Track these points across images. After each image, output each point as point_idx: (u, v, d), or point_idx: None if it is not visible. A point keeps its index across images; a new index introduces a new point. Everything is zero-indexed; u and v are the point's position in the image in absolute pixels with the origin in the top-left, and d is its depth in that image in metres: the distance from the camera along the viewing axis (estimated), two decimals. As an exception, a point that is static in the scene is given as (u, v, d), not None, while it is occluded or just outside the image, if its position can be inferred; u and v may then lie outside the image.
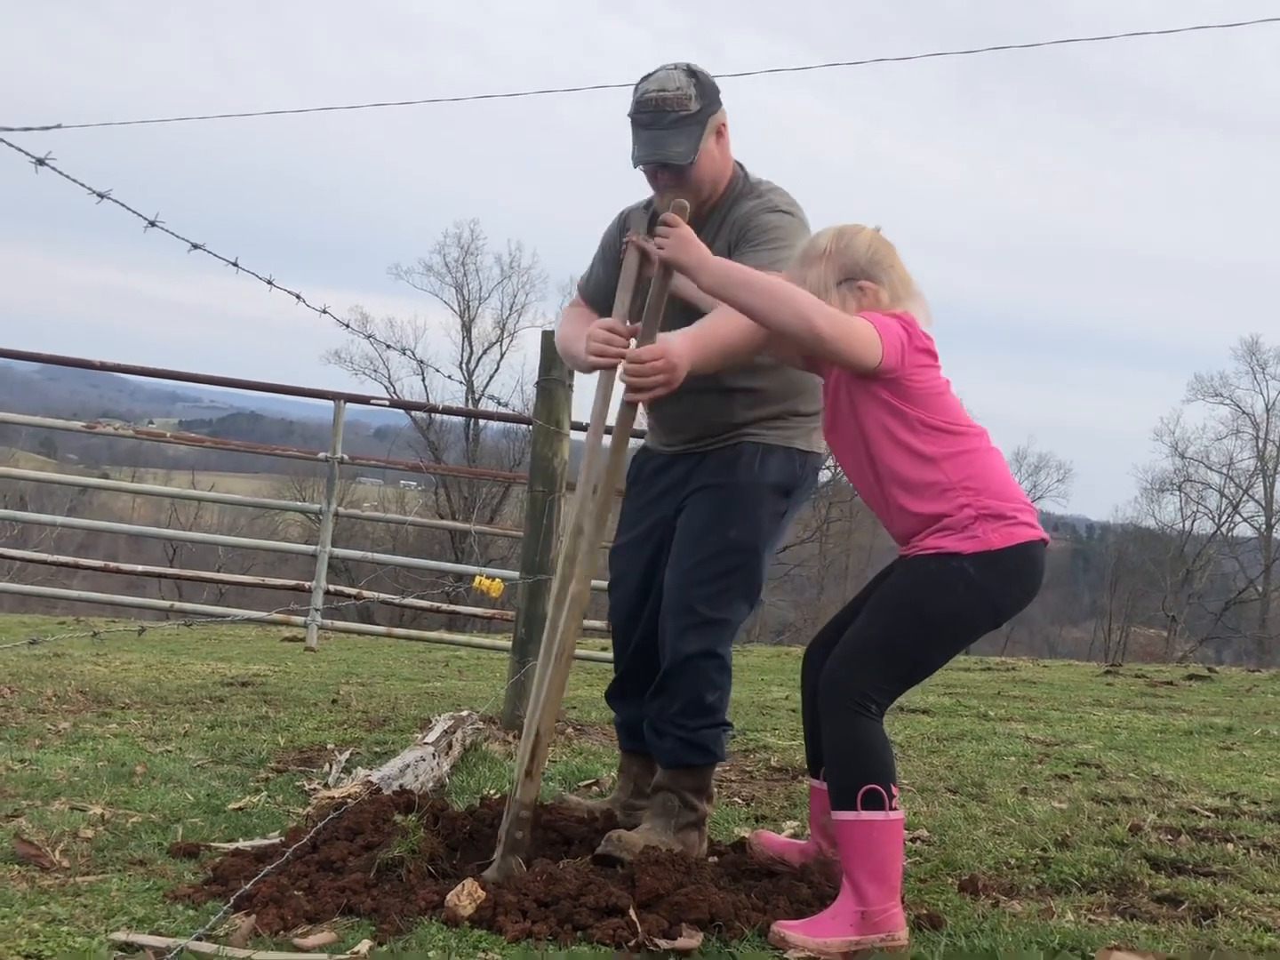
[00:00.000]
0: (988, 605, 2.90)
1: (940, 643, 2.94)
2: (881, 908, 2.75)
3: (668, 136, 3.34)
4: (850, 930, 2.73)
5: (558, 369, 5.55)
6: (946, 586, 2.85)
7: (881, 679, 2.87)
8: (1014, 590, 2.92)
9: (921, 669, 2.98)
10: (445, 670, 9.02)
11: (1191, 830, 3.96)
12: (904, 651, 2.89)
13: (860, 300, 2.97)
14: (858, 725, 2.83)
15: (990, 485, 2.89)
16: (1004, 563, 2.86)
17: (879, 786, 2.78)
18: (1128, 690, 9.60)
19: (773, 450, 3.50)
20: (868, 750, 2.82)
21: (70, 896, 2.77)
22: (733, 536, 3.43)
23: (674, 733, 3.44)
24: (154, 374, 9.93)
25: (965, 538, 2.84)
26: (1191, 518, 44.23)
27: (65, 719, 5.11)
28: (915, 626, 2.88)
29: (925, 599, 2.87)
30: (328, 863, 2.95)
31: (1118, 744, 5.92)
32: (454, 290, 43.07)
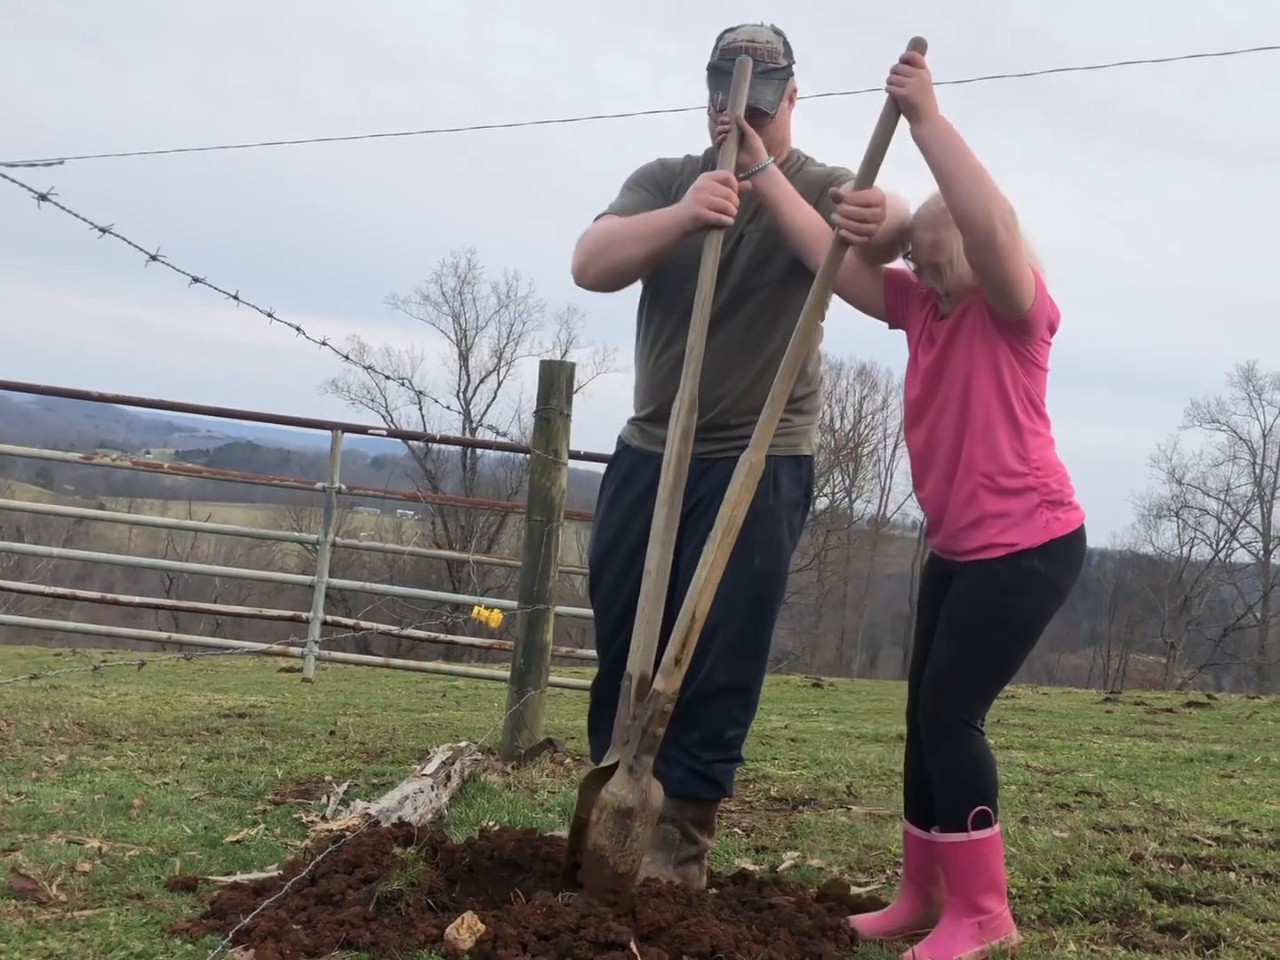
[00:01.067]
0: (1057, 593, 2.99)
1: (1025, 644, 3.01)
2: (995, 914, 2.89)
3: (757, 84, 3.33)
4: (973, 943, 2.85)
5: (556, 398, 5.55)
6: (1024, 590, 2.94)
7: (979, 695, 2.97)
8: (1075, 572, 3.03)
9: (1013, 670, 3.06)
10: (443, 700, 8.99)
11: (1193, 859, 3.95)
12: (994, 663, 2.98)
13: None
14: (967, 747, 2.92)
15: (1056, 469, 2.99)
16: (1066, 550, 2.96)
17: (988, 807, 2.88)
18: (1127, 718, 9.58)
19: (782, 463, 3.44)
20: (979, 772, 2.92)
21: (68, 931, 2.75)
22: (758, 564, 3.38)
23: (686, 763, 3.38)
24: (150, 404, 9.92)
25: (1033, 528, 2.92)
26: (1189, 544, 44.24)
27: (62, 751, 5.09)
28: (1002, 637, 2.96)
29: (1007, 609, 2.94)
30: (326, 896, 2.93)
31: (1118, 772, 5.90)
32: (451, 319, 43.22)
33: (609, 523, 3.65)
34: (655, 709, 2.94)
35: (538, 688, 5.55)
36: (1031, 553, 2.92)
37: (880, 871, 3.77)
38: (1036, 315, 2.89)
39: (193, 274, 3.48)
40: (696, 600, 2.98)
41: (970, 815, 2.87)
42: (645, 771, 2.94)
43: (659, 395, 3.49)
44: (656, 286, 3.53)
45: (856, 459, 44.24)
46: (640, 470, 3.57)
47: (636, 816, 2.91)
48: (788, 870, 3.70)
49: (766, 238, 3.43)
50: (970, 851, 2.88)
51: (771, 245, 3.42)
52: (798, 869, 3.73)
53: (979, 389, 2.92)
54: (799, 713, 8.86)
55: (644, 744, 2.94)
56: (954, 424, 2.97)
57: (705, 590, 2.99)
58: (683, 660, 2.97)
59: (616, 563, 3.60)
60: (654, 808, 2.96)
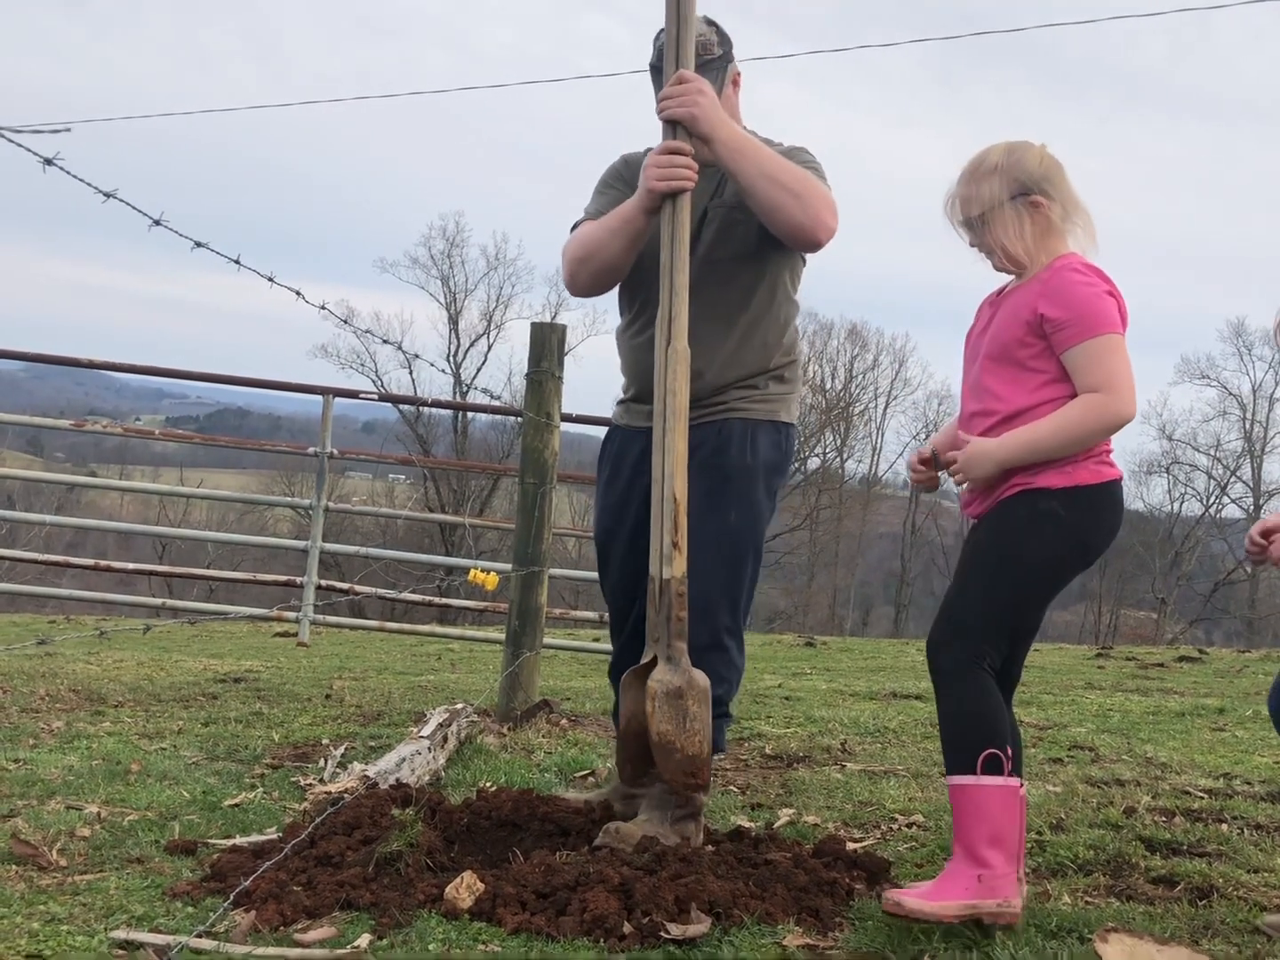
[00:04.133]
0: (1079, 545, 2.88)
1: (1039, 591, 2.91)
2: (1001, 872, 2.72)
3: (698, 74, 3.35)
4: (966, 894, 2.69)
5: (547, 360, 5.54)
6: (1037, 532, 2.84)
7: (987, 635, 2.83)
8: (1104, 527, 2.90)
9: (1023, 619, 2.93)
10: (438, 663, 9.02)
11: (1185, 811, 3.98)
12: (1005, 604, 2.86)
13: (1033, 216, 2.92)
14: (974, 684, 2.80)
15: None
16: (1092, 499, 2.86)
17: (999, 751, 2.74)
18: (1119, 673, 9.64)
19: (760, 426, 3.53)
20: (987, 712, 2.78)
21: (69, 895, 2.77)
22: (734, 520, 3.44)
23: None
24: (140, 371, 9.88)
25: (1058, 472, 2.84)
26: (1180, 500, 44.36)
27: (59, 718, 5.11)
28: (1012, 577, 2.85)
29: (1019, 548, 2.85)
30: (326, 858, 2.95)
31: (1110, 727, 5.94)
32: (440, 283, 43.08)
33: (607, 505, 3.73)
34: (670, 595, 3.10)
35: (533, 649, 5.57)
36: (1052, 494, 2.84)
37: (875, 827, 3.80)
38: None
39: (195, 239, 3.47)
40: (672, 485, 3.14)
41: (980, 759, 2.73)
42: (681, 655, 3.09)
43: (641, 376, 3.56)
44: (632, 270, 3.56)
45: (848, 418, 44.19)
46: (629, 447, 3.66)
47: (687, 695, 3.05)
48: (783, 827, 3.73)
49: (731, 212, 3.51)
50: (981, 797, 2.74)
51: (737, 219, 3.49)
52: (793, 825, 3.76)
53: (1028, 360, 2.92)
54: (792, 671, 8.90)
55: (672, 630, 3.09)
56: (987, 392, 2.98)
57: (677, 473, 3.16)
58: (680, 543, 3.12)
59: (619, 544, 3.69)
60: (701, 686, 3.08)
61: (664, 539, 3.15)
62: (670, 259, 3.26)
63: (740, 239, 3.51)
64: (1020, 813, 2.79)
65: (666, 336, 3.23)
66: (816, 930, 2.75)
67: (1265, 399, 43.61)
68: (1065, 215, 2.95)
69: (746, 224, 3.47)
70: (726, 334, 3.52)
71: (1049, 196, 2.93)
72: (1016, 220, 2.92)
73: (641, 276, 3.54)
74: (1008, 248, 2.95)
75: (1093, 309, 2.84)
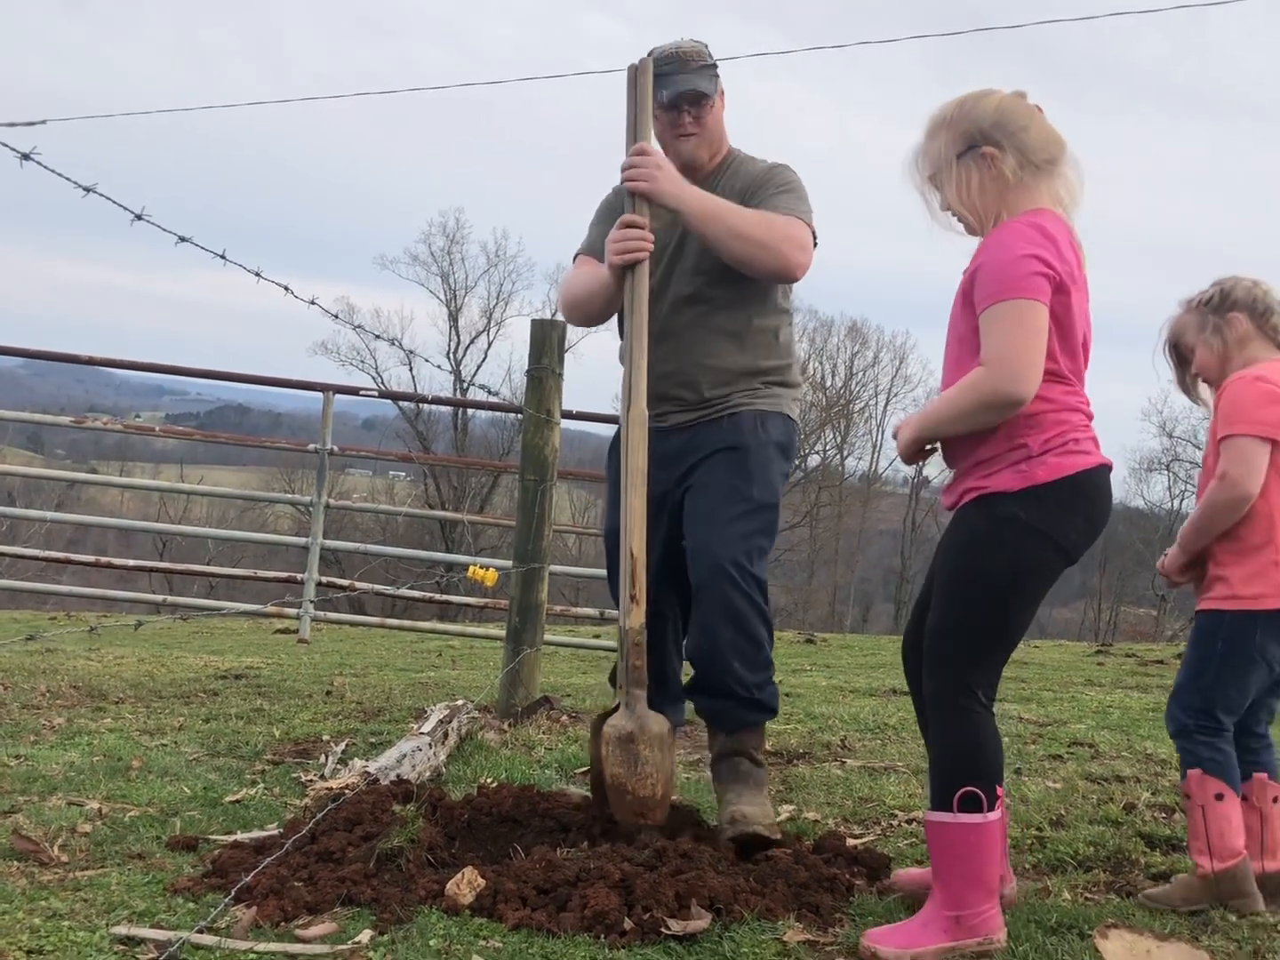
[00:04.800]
0: (1048, 547, 2.65)
1: (1018, 603, 2.68)
2: (977, 910, 2.60)
3: (693, 77, 3.62)
4: (944, 936, 2.59)
5: (548, 357, 5.55)
6: (999, 542, 2.64)
7: (976, 662, 2.68)
8: (1076, 522, 2.67)
9: (1010, 633, 2.71)
10: (438, 660, 9.02)
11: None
12: (984, 625, 2.67)
13: (986, 172, 2.68)
14: (966, 723, 2.66)
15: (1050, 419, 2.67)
16: (1055, 497, 2.63)
17: (978, 789, 2.60)
18: (1119, 670, 9.64)
19: (768, 414, 3.68)
20: (972, 749, 2.65)
21: (70, 891, 2.77)
22: (756, 495, 3.58)
23: (738, 693, 3.50)
24: (141, 368, 9.89)
25: (1013, 472, 2.63)
26: (1180, 497, 44.29)
27: (59, 714, 5.11)
28: (984, 595, 2.65)
29: (981, 562, 2.66)
30: (327, 853, 2.95)
31: (1110, 723, 5.94)
32: (440, 280, 43.09)
33: (613, 500, 3.81)
34: (627, 644, 3.24)
35: (533, 646, 5.57)
36: (1008, 497, 2.62)
37: (875, 824, 3.80)
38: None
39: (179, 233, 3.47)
40: (631, 541, 3.28)
41: (956, 796, 2.60)
42: (637, 701, 3.22)
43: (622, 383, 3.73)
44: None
45: (848, 416, 44.20)
46: (616, 447, 3.70)
47: (638, 740, 3.16)
48: (784, 823, 3.73)
49: None
50: (955, 835, 2.60)
51: None
52: (793, 821, 3.76)
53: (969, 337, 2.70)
54: (792, 668, 8.90)
55: (631, 678, 3.23)
56: (947, 376, 2.80)
57: (635, 531, 3.28)
58: (638, 597, 3.26)
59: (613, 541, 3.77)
60: (654, 732, 3.18)
61: (622, 592, 3.28)
62: (630, 326, 3.41)
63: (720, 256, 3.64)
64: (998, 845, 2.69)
65: (627, 401, 3.38)
66: (817, 926, 2.76)
67: (1265, 396, 43.59)
68: (1023, 165, 2.68)
69: None
70: (722, 339, 3.67)
71: (1000, 147, 2.67)
72: (965, 177, 2.71)
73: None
74: (956, 209, 2.75)
75: (1003, 272, 2.59)
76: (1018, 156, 2.68)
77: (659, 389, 3.59)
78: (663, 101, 3.61)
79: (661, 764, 3.17)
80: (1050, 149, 2.71)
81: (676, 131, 3.67)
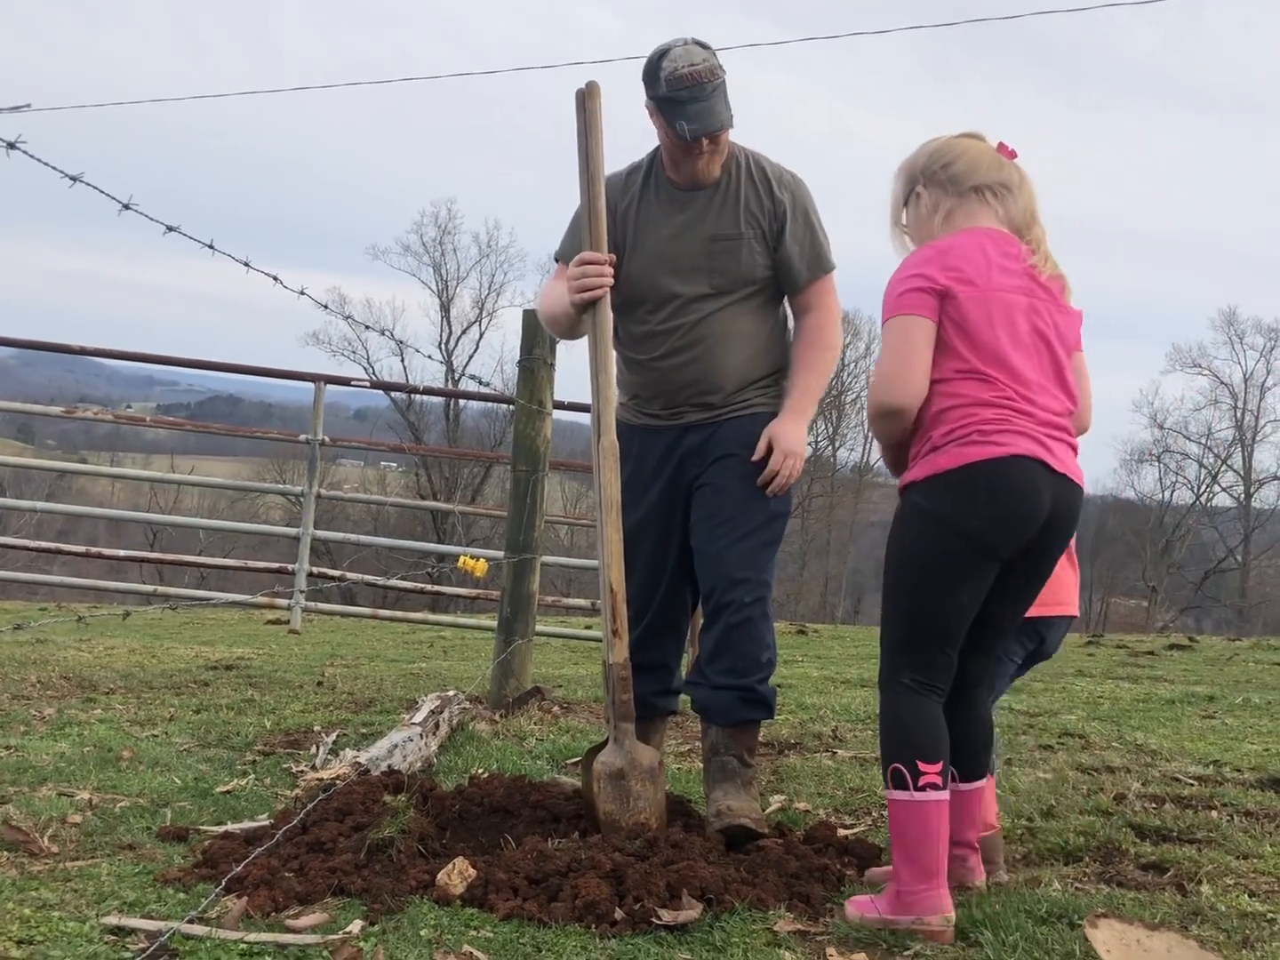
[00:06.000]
0: (951, 532, 2.70)
1: (928, 587, 2.75)
2: (912, 889, 2.66)
3: (713, 106, 3.49)
4: (886, 909, 2.68)
5: (539, 348, 5.54)
6: (905, 524, 2.81)
7: (899, 646, 2.79)
8: (979, 510, 2.69)
9: (930, 620, 2.76)
10: (430, 651, 9.02)
11: (1175, 798, 3.99)
12: (902, 607, 2.80)
13: (918, 209, 2.94)
14: (892, 702, 2.78)
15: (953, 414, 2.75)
16: (955, 483, 2.70)
17: (901, 766, 2.70)
18: (1110, 660, 9.67)
19: None
20: (894, 727, 2.75)
21: (60, 882, 2.77)
22: (773, 506, 3.62)
23: (736, 689, 3.54)
24: (131, 358, 9.87)
25: (923, 462, 2.77)
26: (1171, 488, 44.50)
27: (50, 705, 5.10)
28: (898, 577, 2.82)
29: (894, 545, 2.83)
30: (318, 844, 2.95)
31: (1101, 714, 5.96)
32: (432, 270, 43.04)
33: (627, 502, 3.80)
34: (614, 679, 3.26)
35: (525, 637, 5.57)
36: (915, 486, 2.78)
37: (866, 814, 3.81)
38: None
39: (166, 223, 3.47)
40: (610, 575, 3.30)
41: (887, 772, 2.73)
42: (626, 736, 3.24)
43: (642, 388, 3.76)
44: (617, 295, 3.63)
45: (840, 407, 44.19)
46: (627, 445, 3.68)
47: (629, 775, 3.19)
48: (775, 813, 3.74)
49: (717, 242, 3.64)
50: (891, 812, 2.73)
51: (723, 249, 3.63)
52: (784, 812, 3.77)
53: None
54: (784, 659, 8.91)
55: (618, 712, 3.25)
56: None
57: (613, 564, 3.31)
58: (620, 631, 3.29)
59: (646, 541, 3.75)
60: (645, 765, 3.22)
61: (605, 627, 3.30)
62: (594, 361, 3.43)
63: (744, 265, 3.63)
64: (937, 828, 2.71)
65: (596, 433, 3.41)
66: (807, 916, 2.76)
67: (1256, 388, 43.78)
68: (942, 196, 2.90)
69: (738, 253, 3.61)
70: (739, 344, 3.66)
71: (927, 185, 2.92)
72: (911, 216, 2.98)
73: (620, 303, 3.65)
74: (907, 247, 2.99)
75: (887, 294, 2.84)
76: (938, 190, 2.91)
77: (680, 396, 3.65)
78: (683, 136, 3.46)
79: (653, 798, 3.22)
80: (981, 175, 2.90)
81: (691, 157, 3.54)
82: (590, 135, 3.42)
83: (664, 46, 3.52)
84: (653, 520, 3.69)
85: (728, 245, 3.62)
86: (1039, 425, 2.76)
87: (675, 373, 3.65)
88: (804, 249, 3.65)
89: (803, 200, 3.68)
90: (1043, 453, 2.73)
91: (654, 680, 3.72)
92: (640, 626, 3.75)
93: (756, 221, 3.61)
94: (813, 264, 3.66)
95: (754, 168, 3.67)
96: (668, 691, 3.83)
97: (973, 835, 2.96)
